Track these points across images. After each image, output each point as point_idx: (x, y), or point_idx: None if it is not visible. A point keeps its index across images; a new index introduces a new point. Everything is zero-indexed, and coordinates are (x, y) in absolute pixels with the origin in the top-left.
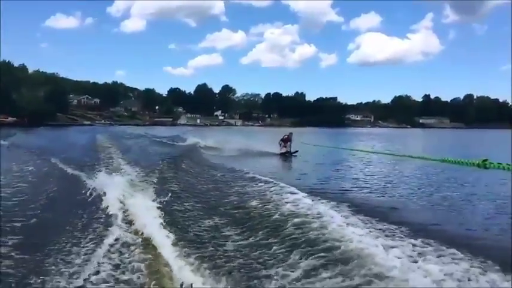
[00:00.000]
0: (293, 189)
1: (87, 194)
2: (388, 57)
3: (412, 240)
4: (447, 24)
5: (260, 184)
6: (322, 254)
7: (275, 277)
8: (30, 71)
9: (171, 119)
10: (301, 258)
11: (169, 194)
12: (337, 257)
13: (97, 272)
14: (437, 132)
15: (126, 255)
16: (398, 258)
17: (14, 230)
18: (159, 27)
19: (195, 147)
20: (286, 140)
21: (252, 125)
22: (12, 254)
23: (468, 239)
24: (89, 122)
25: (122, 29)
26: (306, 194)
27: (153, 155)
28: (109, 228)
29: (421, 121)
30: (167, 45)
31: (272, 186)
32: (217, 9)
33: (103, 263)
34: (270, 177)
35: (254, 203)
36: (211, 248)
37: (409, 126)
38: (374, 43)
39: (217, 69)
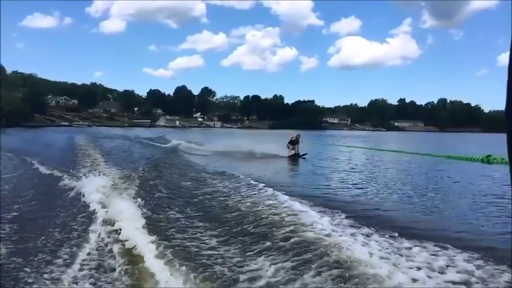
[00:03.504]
0: (283, 195)
1: (67, 197)
2: (368, 61)
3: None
4: (425, 30)
5: (253, 189)
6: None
7: (256, 279)
8: (7, 71)
9: (149, 121)
10: (285, 261)
11: (152, 196)
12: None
13: (77, 277)
14: (413, 135)
15: (107, 258)
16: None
17: None
18: (139, 28)
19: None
20: (294, 142)
21: (230, 127)
22: None
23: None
24: (66, 123)
25: (101, 30)
26: (304, 202)
27: (134, 156)
28: (89, 232)
29: (396, 124)
30: (147, 46)
31: (265, 192)
32: (198, 11)
33: (83, 268)
34: (273, 183)
35: (243, 206)
36: (193, 250)
37: (384, 130)
38: (354, 47)
39: (197, 71)
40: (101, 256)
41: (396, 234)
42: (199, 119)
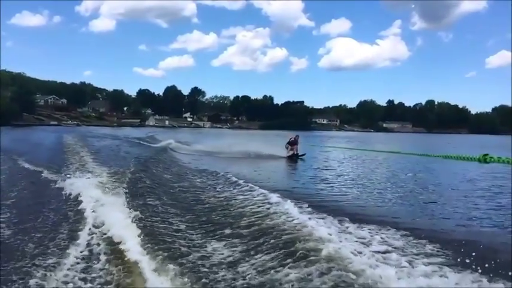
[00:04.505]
0: (258, 189)
1: (56, 197)
2: (358, 62)
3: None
4: (415, 31)
5: (245, 189)
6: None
7: (208, 257)
8: None
9: (139, 121)
10: (242, 243)
11: (135, 186)
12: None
13: (66, 277)
14: (402, 136)
15: (96, 259)
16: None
17: None
18: (129, 28)
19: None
20: (293, 143)
21: (220, 127)
22: None
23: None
24: (55, 123)
25: (90, 29)
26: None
27: (122, 155)
28: (79, 232)
29: (384, 125)
30: (137, 45)
31: (241, 187)
32: (189, 11)
33: (71, 268)
34: (250, 179)
35: (216, 200)
36: (161, 231)
37: (372, 131)
38: (344, 48)
39: (188, 71)
40: (90, 257)
41: (347, 219)
42: (189, 119)
